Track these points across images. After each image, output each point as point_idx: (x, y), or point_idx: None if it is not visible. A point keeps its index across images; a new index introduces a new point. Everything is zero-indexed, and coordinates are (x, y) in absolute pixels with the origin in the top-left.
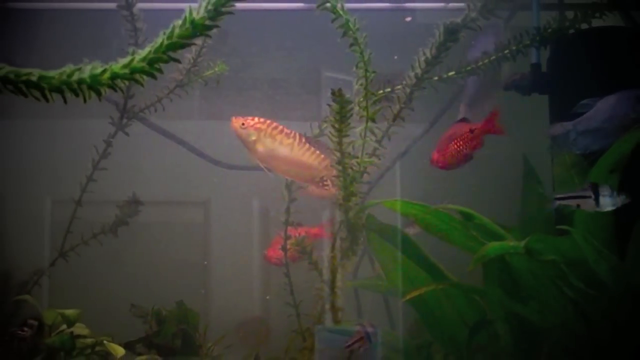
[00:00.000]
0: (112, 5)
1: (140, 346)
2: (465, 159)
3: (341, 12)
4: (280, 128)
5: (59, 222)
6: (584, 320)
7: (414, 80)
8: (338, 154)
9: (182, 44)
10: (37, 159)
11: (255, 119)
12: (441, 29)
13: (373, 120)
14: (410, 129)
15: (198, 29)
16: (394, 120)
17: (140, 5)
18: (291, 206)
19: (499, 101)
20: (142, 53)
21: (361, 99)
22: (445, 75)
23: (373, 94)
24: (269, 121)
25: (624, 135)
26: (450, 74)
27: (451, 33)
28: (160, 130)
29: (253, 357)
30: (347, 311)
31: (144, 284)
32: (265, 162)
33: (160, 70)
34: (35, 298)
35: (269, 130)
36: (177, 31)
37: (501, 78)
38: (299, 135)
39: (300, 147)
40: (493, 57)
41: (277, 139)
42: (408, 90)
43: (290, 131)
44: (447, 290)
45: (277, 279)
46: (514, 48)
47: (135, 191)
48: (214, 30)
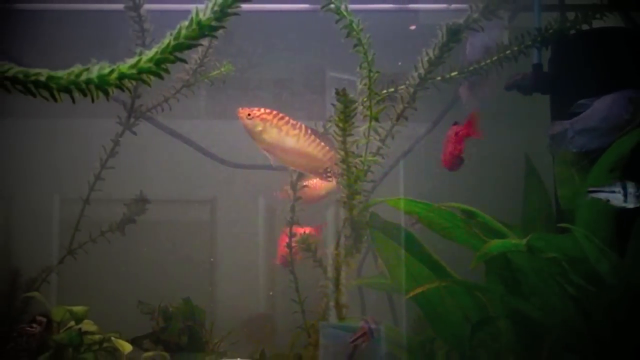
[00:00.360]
0: (120, 7)
1: (148, 342)
2: (457, 160)
3: (345, 13)
4: (287, 119)
5: (67, 220)
6: (584, 317)
7: (417, 80)
8: (342, 153)
9: (189, 44)
10: (46, 158)
11: (262, 110)
12: (444, 30)
13: (376, 119)
14: (414, 128)
15: (204, 30)
16: (398, 119)
17: (147, 6)
18: (296, 204)
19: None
20: (149, 53)
21: (365, 99)
22: (448, 75)
23: (376, 94)
24: (275, 112)
25: (624, 135)
26: (452, 74)
27: (454, 34)
28: (167, 129)
29: (259, 353)
30: (351, 308)
31: (151, 281)
32: (271, 153)
33: (167, 71)
34: (44, 295)
35: (275, 121)
36: (184, 32)
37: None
38: (304, 127)
39: (305, 139)
40: (495, 58)
41: (283, 129)
42: (411, 90)
43: (296, 122)
44: (450, 287)
45: (282, 276)
46: (516, 48)
47: (142, 189)
48: (220, 31)
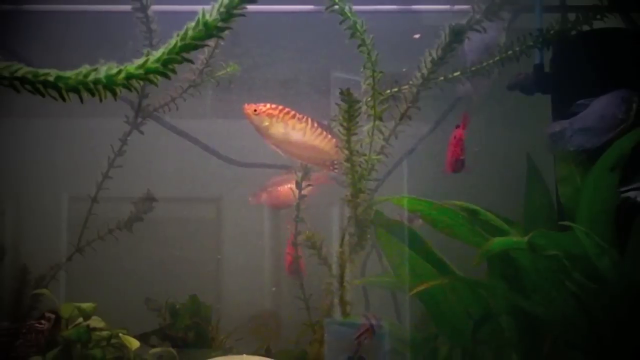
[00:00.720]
0: (127, 8)
1: (155, 338)
2: (458, 164)
3: (349, 14)
4: (292, 113)
5: (76, 218)
6: (585, 314)
7: (421, 80)
8: (346, 152)
9: (195, 45)
10: (55, 157)
11: (267, 105)
12: (447, 31)
13: (380, 119)
14: (417, 127)
15: (211, 31)
16: (401, 119)
17: (154, 7)
18: (301, 202)
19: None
20: (157, 54)
21: (369, 99)
22: (450, 76)
23: (380, 94)
24: (280, 107)
25: (618, 134)
26: (455, 74)
27: (456, 34)
28: (174, 129)
29: (264, 349)
30: (356, 305)
31: (158, 279)
32: (279, 147)
33: (173, 71)
34: (52, 292)
35: (281, 116)
36: (191, 33)
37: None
38: (311, 120)
39: (312, 132)
40: (497, 58)
41: (290, 124)
42: (415, 90)
43: (302, 116)
44: (453, 284)
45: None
46: (518, 49)
47: (149, 188)
48: (227, 32)
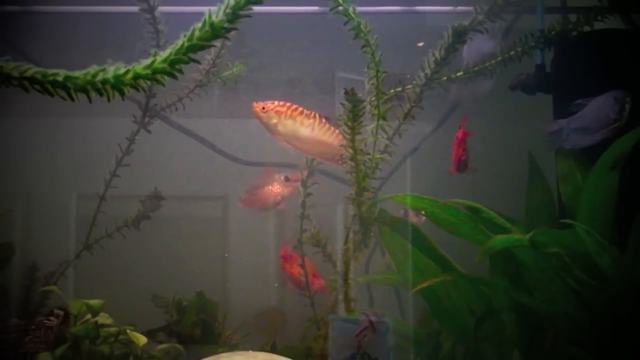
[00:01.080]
0: (135, 9)
1: (162, 335)
2: (460, 164)
3: (353, 15)
4: (300, 110)
5: (84, 216)
6: (586, 310)
7: (424, 80)
8: (351, 151)
9: (202, 45)
10: (64, 156)
11: (275, 103)
12: (449, 31)
13: (384, 118)
14: (420, 126)
15: (217, 32)
16: (405, 118)
17: (161, 8)
18: (306, 201)
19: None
20: (164, 54)
21: (373, 98)
22: (453, 76)
23: (384, 94)
24: (288, 104)
25: (618, 133)
26: (458, 74)
27: (459, 35)
28: (181, 128)
29: (270, 345)
30: (360, 301)
31: (165, 276)
32: (288, 143)
33: (180, 71)
34: (61, 289)
35: (289, 112)
36: (197, 34)
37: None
38: (318, 116)
39: (320, 127)
40: (499, 58)
41: (298, 120)
42: (418, 90)
43: (310, 112)
44: (456, 281)
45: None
46: (520, 49)
47: (156, 186)
48: (232, 33)
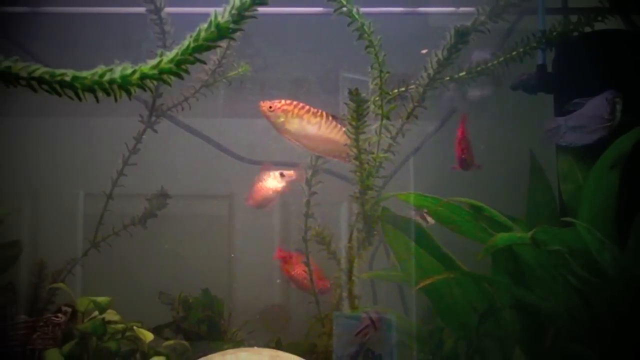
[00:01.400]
0: (142, 10)
1: (168, 331)
2: (462, 163)
3: (357, 17)
4: (307, 108)
5: (91, 215)
6: (587, 307)
7: (427, 80)
8: (355, 150)
9: (208, 46)
10: (71, 155)
11: (282, 102)
12: (452, 32)
13: (388, 118)
14: (423, 126)
15: (223, 32)
16: (408, 118)
17: (167, 9)
18: (311, 199)
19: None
20: (170, 55)
21: (376, 98)
22: (456, 76)
23: (388, 93)
24: (295, 102)
25: (613, 133)
26: (461, 74)
27: (461, 36)
28: (187, 127)
29: (275, 342)
30: (364, 298)
31: (171, 273)
32: (295, 141)
33: (186, 71)
34: (69, 286)
35: (295, 111)
36: (203, 34)
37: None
38: (325, 113)
39: (327, 125)
40: (502, 59)
41: (304, 118)
42: (421, 90)
43: (316, 110)
44: (458, 278)
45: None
46: (522, 50)
47: (163, 185)
48: (238, 33)
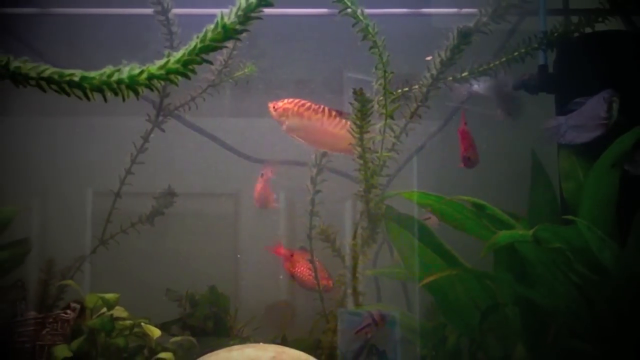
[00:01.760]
0: (149, 11)
1: (175, 327)
2: (465, 160)
3: (361, 18)
4: (308, 105)
5: (100, 213)
6: (588, 304)
7: (430, 80)
8: (359, 149)
9: (214, 46)
10: (80, 154)
11: (285, 100)
12: (455, 33)
13: (391, 117)
14: (427, 125)
15: (229, 33)
16: (411, 117)
17: (175, 10)
18: (315, 198)
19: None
20: (177, 55)
21: (380, 98)
22: (459, 76)
23: (391, 93)
24: (296, 100)
25: (611, 132)
26: (463, 74)
27: (464, 36)
28: (194, 127)
29: (280, 338)
30: (368, 295)
31: (178, 270)
32: (299, 137)
33: (193, 71)
34: (77, 283)
35: (296, 109)
36: (210, 35)
37: None
38: (327, 109)
39: (330, 120)
40: (504, 59)
41: (306, 115)
42: (424, 90)
43: (318, 106)
44: (461, 275)
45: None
46: (523, 51)
47: (170, 183)
48: (244, 34)
